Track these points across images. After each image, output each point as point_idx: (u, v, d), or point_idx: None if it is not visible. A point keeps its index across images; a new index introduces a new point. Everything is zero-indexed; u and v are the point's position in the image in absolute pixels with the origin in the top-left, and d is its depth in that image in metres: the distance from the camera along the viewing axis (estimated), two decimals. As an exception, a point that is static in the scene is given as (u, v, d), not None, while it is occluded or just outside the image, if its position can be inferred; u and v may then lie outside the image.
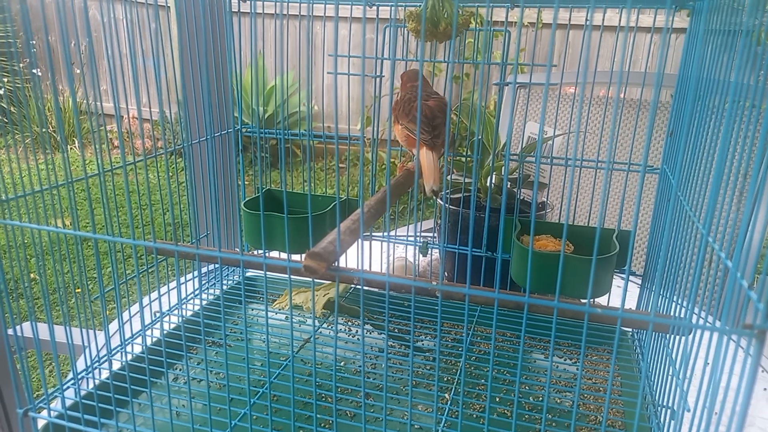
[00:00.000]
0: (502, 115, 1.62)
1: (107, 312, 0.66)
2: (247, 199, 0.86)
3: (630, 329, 0.88)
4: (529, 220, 0.82)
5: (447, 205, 0.95)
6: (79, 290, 0.65)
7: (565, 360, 0.84)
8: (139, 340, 0.79)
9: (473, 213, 0.63)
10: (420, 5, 0.81)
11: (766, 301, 0.36)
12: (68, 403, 0.65)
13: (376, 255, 1.15)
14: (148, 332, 0.80)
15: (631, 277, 1.10)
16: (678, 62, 0.75)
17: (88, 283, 2.19)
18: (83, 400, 0.64)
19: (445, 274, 1.03)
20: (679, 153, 0.66)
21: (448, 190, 1.00)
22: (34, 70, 0.63)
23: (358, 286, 0.96)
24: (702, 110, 0.58)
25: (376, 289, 0.96)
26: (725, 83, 0.50)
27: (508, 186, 0.96)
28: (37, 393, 0.64)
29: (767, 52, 0.43)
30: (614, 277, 0.76)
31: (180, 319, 0.85)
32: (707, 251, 0.47)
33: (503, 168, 0.92)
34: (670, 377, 0.59)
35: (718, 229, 0.46)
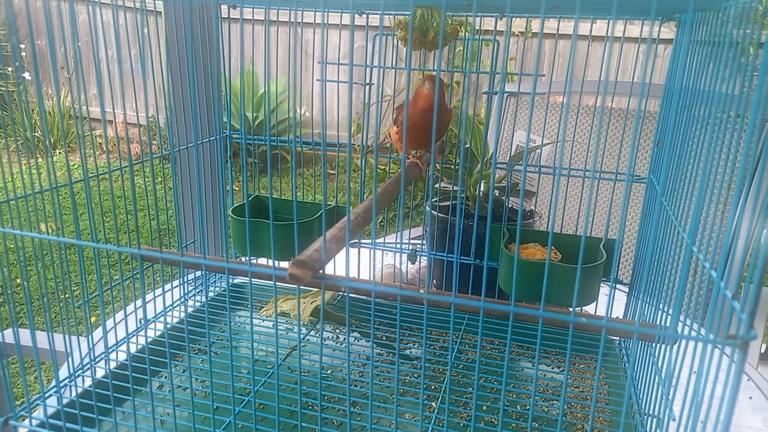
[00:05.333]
0: (491, 124, 1.63)
1: (92, 319, 0.65)
2: (235, 205, 0.86)
3: (617, 338, 0.88)
4: (517, 228, 0.82)
5: (436, 213, 0.95)
6: (64, 296, 0.64)
7: (552, 368, 0.84)
8: (123, 347, 0.78)
9: (459, 221, 0.63)
10: (409, 14, 0.81)
11: (750, 311, 0.36)
12: (50, 411, 0.64)
13: (365, 262, 1.14)
14: (133, 340, 0.79)
15: (620, 286, 1.11)
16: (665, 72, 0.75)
17: (74, 289, 2.17)
18: (66, 409, 0.64)
19: (434, 281, 1.03)
20: (664, 162, 0.66)
21: (437, 198, 1.00)
22: (23, 74, 0.63)
23: (345, 294, 0.96)
24: (687, 120, 0.59)
25: (363, 297, 0.95)
26: (710, 93, 0.50)
27: (497, 194, 0.96)
28: (19, 401, 0.63)
29: (752, 63, 0.44)
30: (603, 285, 0.76)
31: (165, 326, 0.84)
32: (692, 260, 0.47)
33: (491, 176, 0.93)
34: (655, 386, 0.60)
35: (702, 238, 0.46)
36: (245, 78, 1.04)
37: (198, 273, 1.01)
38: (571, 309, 0.73)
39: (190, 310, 0.91)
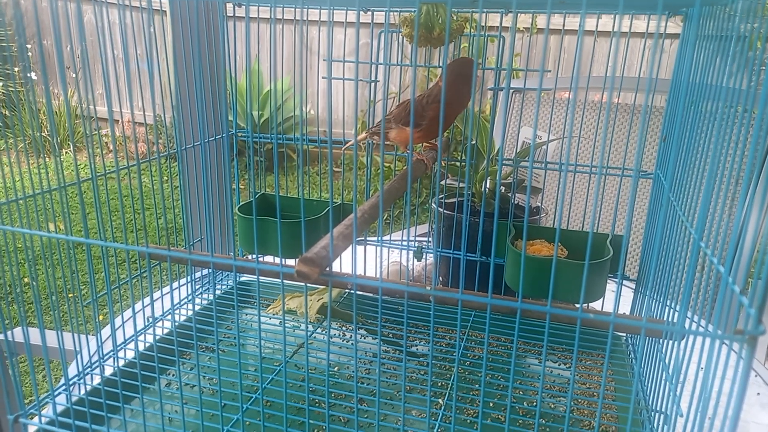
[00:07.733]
0: (496, 120, 1.62)
1: (100, 317, 0.65)
2: (241, 203, 0.86)
3: (624, 334, 0.88)
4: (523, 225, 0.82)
5: (442, 210, 0.95)
6: (72, 295, 0.65)
7: (559, 365, 0.84)
8: (131, 345, 0.78)
9: (465, 218, 0.63)
10: (414, 10, 0.81)
11: (758, 306, 0.36)
12: (59, 409, 0.65)
13: (371, 259, 1.14)
14: (141, 337, 0.80)
15: (627, 282, 1.10)
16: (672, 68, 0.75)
17: (81, 287, 2.18)
18: (75, 406, 0.64)
19: (440, 278, 1.03)
20: (671, 157, 0.66)
21: (443, 195, 1.00)
22: (29, 74, 0.63)
23: (352, 291, 0.96)
24: (694, 115, 0.59)
25: (370, 294, 0.96)
26: (718, 88, 0.50)
27: (504, 191, 0.96)
28: (28, 399, 0.63)
29: (759, 57, 0.43)
30: (610, 281, 0.76)
31: (173, 324, 0.85)
32: (699, 256, 0.47)
33: (497, 172, 0.93)
34: (663, 382, 0.59)
35: (710, 233, 0.46)
36: (248, 76, 1.04)
37: (205, 271, 1.01)
38: (577, 305, 0.73)
39: (197, 308, 0.92)
